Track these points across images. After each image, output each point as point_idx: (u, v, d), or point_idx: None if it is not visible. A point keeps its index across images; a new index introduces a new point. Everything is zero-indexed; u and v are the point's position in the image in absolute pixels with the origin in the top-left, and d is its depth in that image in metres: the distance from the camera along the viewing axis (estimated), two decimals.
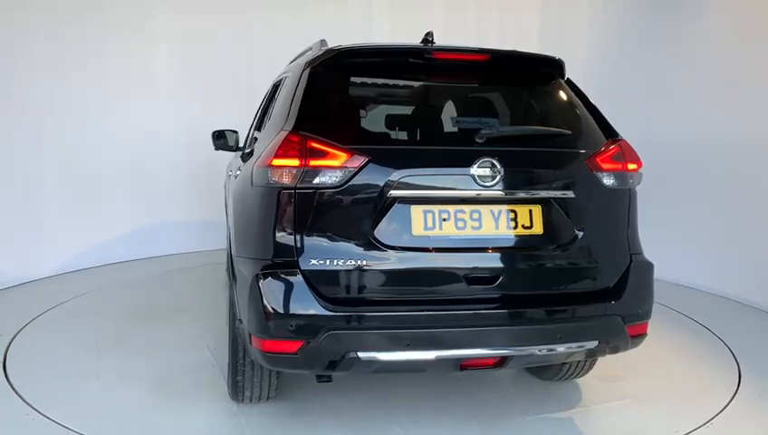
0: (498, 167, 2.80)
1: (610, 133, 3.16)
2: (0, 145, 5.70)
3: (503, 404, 3.64)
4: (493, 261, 2.86)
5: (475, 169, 2.78)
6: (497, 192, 2.83)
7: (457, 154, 2.86)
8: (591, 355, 3.21)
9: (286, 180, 2.74)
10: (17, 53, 5.82)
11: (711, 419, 3.50)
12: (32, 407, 3.42)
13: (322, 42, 3.48)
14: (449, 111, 3.42)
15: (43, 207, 6.10)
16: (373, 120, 3.33)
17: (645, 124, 6.34)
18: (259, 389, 3.35)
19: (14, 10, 5.78)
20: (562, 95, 3.29)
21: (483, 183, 2.79)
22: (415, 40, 3.33)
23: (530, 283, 2.94)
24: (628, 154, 3.11)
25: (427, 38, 3.30)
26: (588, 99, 3.29)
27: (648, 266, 3.15)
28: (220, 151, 4.97)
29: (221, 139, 4.75)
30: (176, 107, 6.96)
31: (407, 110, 3.70)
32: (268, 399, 3.46)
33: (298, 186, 2.72)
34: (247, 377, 3.29)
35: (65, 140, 6.30)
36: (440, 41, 3.29)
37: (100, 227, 6.63)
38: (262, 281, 2.72)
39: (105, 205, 6.61)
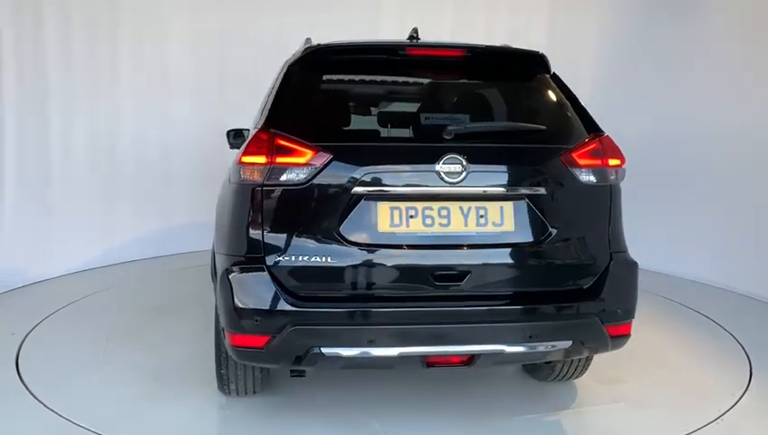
0: (465, 163, 2.76)
1: (593, 129, 3.07)
2: (11, 145, 5.79)
3: (494, 403, 3.60)
4: (461, 258, 2.83)
5: (440, 166, 2.75)
6: (465, 189, 2.79)
7: (423, 151, 2.85)
8: (568, 355, 3.14)
9: (255, 177, 2.78)
10: (27, 51, 5.86)
11: (721, 415, 3.42)
12: (44, 404, 3.49)
13: (307, 40, 3.50)
14: (424, 108, 3.39)
15: (53, 207, 6.17)
16: (346, 117, 3.33)
17: (648, 123, 6.29)
18: (243, 382, 3.38)
19: (24, 7, 5.82)
20: (544, 91, 3.22)
21: (450, 180, 2.76)
22: (422, 39, 3.28)
23: (499, 281, 2.90)
24: (608, 150, 3.01)
25: (413, 35, 3.28)
26: (573, 94, 3.20)
27: (631, 265, 3.05)
28: (231, 151, 4.97)
29: (238, 138, 4.62)
30: (187, 107, 7.02)
31: (380, 107, 3.71)
32: (254, 393, 3.49)
33: (265, 183, 2.76)
34: (231, 370, 3.31)
35: (75, 139, 6.36)
36: (446, 39, 3.25)
37: (111, 227, 6.68)
38: (230, 276, 2.77)
39: (116, 204, 6.67)
